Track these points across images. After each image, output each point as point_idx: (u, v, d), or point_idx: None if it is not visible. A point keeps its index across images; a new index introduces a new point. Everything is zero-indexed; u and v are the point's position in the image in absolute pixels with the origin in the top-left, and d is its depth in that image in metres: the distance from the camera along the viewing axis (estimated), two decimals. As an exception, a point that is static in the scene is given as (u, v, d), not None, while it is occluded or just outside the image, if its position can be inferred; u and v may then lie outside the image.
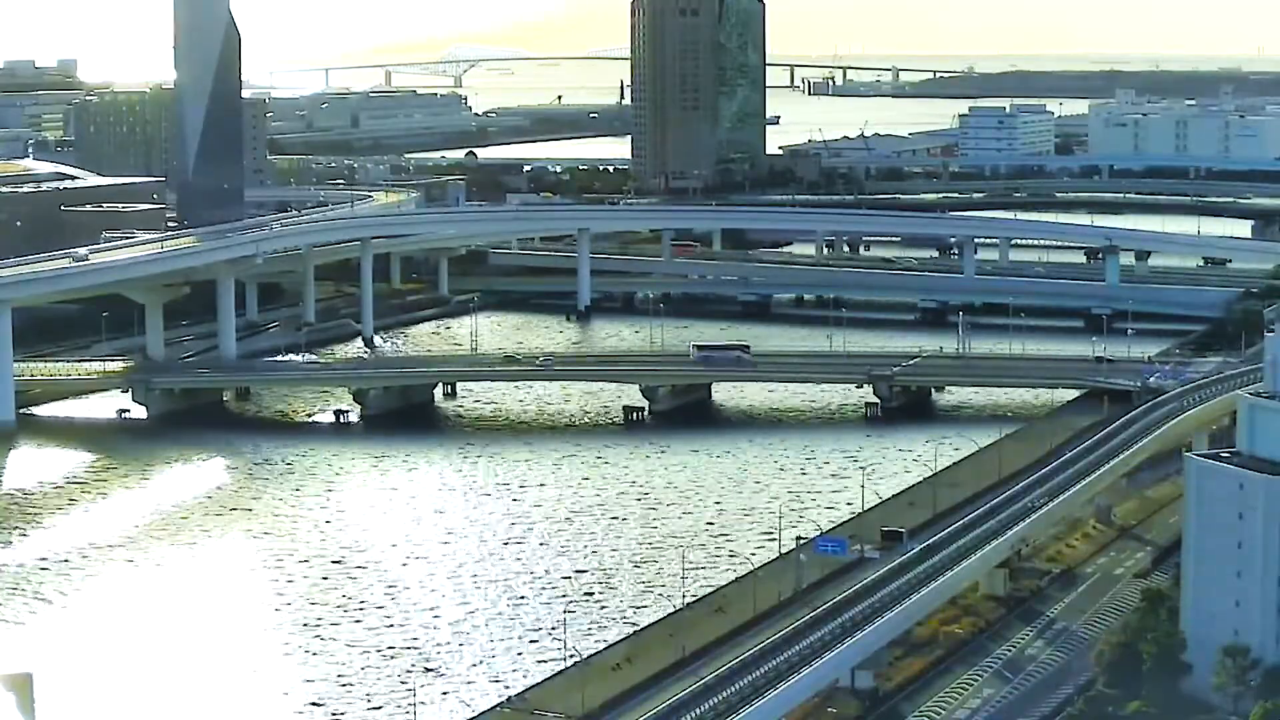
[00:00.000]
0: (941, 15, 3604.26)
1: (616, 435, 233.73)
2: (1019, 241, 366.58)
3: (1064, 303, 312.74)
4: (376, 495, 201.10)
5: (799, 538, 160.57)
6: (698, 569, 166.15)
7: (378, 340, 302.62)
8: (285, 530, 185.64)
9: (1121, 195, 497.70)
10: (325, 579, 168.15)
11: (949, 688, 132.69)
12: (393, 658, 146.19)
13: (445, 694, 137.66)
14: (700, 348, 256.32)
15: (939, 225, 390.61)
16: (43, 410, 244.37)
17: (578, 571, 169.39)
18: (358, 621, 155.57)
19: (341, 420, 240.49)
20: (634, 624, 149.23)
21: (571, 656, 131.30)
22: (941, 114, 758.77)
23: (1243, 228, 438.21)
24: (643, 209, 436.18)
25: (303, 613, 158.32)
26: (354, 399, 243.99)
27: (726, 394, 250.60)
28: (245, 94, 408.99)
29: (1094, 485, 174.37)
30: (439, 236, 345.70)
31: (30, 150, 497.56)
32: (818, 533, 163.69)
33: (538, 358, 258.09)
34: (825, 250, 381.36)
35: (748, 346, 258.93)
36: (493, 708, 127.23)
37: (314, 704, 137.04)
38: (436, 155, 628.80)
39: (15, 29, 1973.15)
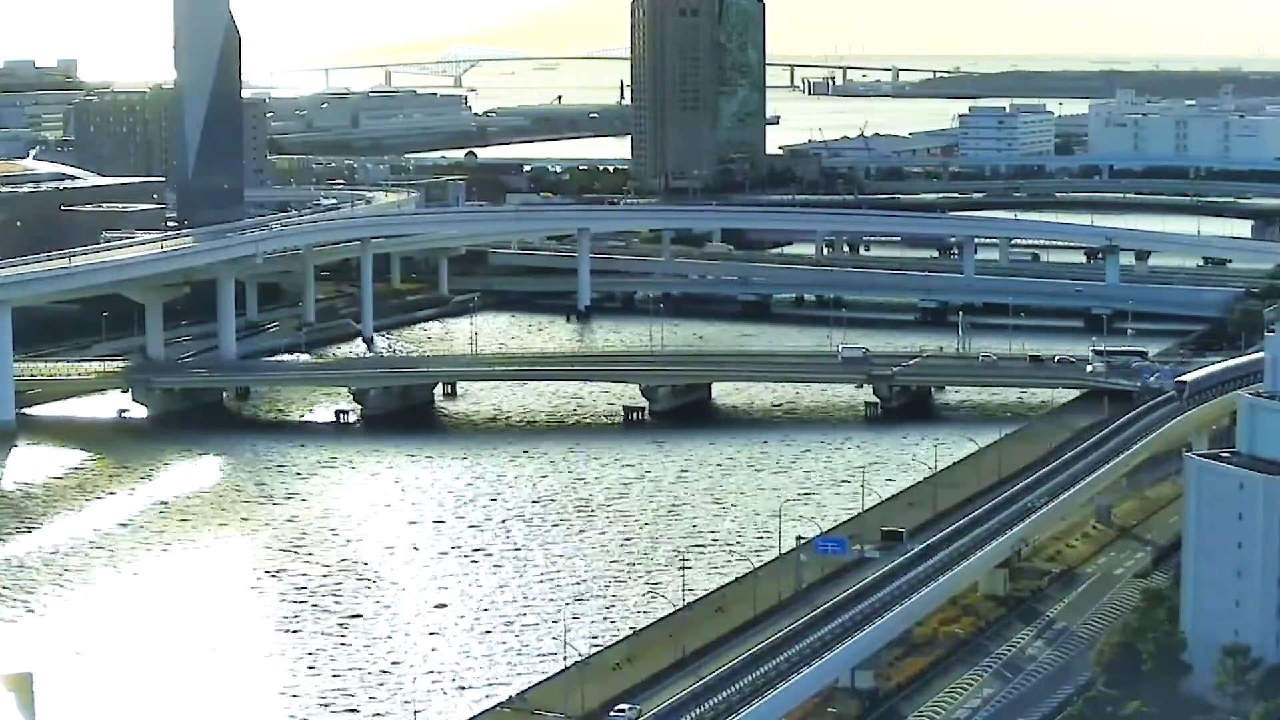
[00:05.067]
0: (941, 15, 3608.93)
1: (616, 435, 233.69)
2: (1019, 241, 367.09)
3: (1064, 303, 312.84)
4: (376, 495, 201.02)
5: (799, 538, 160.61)
6: (698, 569, 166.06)
7: (378, 340, 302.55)
8: (285, 530, 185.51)
9: (1121, 195, 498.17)
10: (324, 578, 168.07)
11: (949, 688, 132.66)
12: (392, 656, 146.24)
13: (445, 694, 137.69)
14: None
15: (939, 225, 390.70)
16: (43, 410, 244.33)
17: (578, 571, 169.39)
18: (357, 620, 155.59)
19: (341, 420, 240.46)
20: (634, 623, 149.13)
21: (571, 656, 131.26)
22: (941, 114, 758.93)
23: (1243, 228, 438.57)
24: (643, 209, 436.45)
25: (302, 611, 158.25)
26: (354, 399, 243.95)
27: (726, 394, 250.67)
28: (245, 94, 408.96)
29: (1094, 485, 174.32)
30: (439, 236, 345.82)
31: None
32: (818, 533, 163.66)
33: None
34: (825, 250, 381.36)
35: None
36: (493, 708, 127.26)
37: (312, 704, 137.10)
38: (436, 155, 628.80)
39: (15, 29, 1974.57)
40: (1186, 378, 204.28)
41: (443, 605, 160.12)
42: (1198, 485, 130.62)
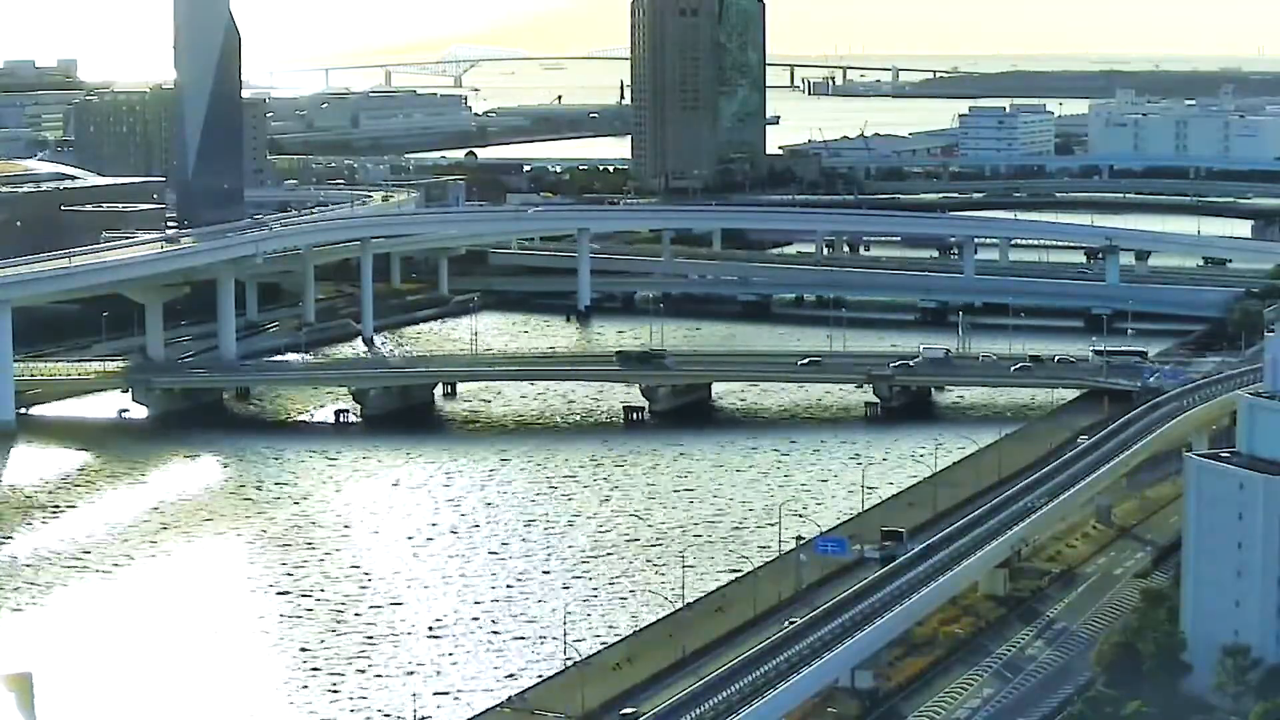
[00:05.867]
0: (941, 15, 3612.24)
1: (616, 435, 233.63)
2: (1019, 241, 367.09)
3: (1064, 303, 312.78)
4: (376, 495, 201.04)
5: (799, 538, 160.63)
6: (698, 569, 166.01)
7: (378, 340, 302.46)
8: (284, 530, 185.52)
9: (1121, 195, 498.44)
10: (323, 578, 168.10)
11: (949, 688, 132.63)
12: (392, 654, 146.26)
13: (445, 693, 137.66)
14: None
15: (939, 225, 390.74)
16: (43, 410, 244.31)
17: (578, 571, 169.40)
18: (357, 619, 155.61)
19: (341, 420, 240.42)
20: (634, 623, 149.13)
21: (571, 656, 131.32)
22: (941, 114, 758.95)
23: (1243, 228, 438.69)
24: (643, 209, 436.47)
25: (301, 611, 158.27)
26: (354, 399, 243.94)
27: (726, 394, 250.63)
28: (245, 94, 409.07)
29: (1094, 485, 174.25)
30: (439, 236, 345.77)
31: None
32: (818, 533, 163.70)
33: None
34: (825, 250, 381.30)
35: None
36: (493, 707, 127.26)
37: (311, 704, 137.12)
38: (436, 155, 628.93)
39: (15, 29, 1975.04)
40: None
41: (442, 604, 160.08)
42: (1198, 485, 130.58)
